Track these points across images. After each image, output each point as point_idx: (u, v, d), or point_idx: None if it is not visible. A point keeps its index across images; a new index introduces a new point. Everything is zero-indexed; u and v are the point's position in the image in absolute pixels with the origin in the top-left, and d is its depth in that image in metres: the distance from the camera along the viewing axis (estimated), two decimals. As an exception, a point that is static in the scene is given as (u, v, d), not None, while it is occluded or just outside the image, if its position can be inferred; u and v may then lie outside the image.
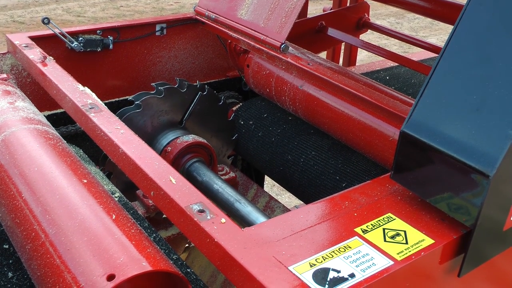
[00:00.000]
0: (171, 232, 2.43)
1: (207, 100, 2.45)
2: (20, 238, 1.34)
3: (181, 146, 2.23)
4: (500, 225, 1.36)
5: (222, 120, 2.57)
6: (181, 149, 2.23)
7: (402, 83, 2.99)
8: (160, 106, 2.30)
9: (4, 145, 1.59)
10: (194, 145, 2.26)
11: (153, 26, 2.65)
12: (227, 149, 2.64)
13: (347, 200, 1.38)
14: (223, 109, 2.56)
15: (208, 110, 2.47)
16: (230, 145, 2.63)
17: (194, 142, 2.26)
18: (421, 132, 1.31)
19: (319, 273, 1.12)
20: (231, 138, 2.61)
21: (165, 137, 2.31)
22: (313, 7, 7.20)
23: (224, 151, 2.64)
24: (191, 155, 2.26)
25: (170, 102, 2.33)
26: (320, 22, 3.17)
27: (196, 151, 2.28)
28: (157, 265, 1.16)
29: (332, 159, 2.26)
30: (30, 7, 8.81)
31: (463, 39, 1.34)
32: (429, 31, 8.99)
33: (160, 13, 9.04)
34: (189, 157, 2.26)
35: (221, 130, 2.58)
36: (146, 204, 2.21)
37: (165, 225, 2.41)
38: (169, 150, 2.25)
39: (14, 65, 2.32)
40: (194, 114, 2.41)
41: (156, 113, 2.29)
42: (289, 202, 4.18)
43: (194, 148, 2.27)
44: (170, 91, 2.32)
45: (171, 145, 2.26)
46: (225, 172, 2.53)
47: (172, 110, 2.34)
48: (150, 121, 2.27)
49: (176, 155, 2.22)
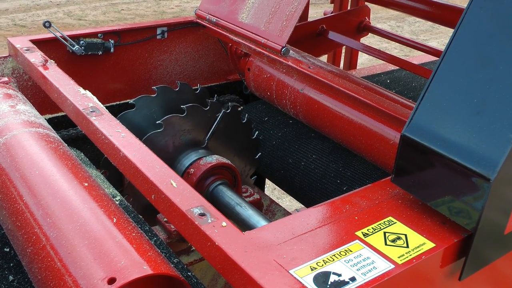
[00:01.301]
0: (193, 257, 2.29)
1: (231, 117, 2.34)
2: (21, 241, 1.34)
3: (205, 168, 2.09)
4: (501, 228, 1.36)
5: (245, 138, 2.46)
6: (204, 171, 2.09)
7: (402, 87, 2.99)
8: (182, 125, 2.18)
9: (5, 148, 1.60)
10: (218, 166, 2.13)
11: (154, 30, 2.66)
12: (250, 169, 2.53)
13: (348, 203, 1.38)
14: (247, 127, 2.46)
15: (231, 128, 2.36)
16: (253, 164, 2.52)
17: (218, 163, 2.12)
18: (422, 136, 1.31)
19: (320, 277, 1.12)
20: (254, 157, 2.50)
21: (187, 158, 2.19)
22: (314, 11, 7.20)
23: (247, 171, 2.52)
24: (215, 177, 2.13)
25: (193, 121, 2.21)
26: (321, 26, 3.18)
27: (220, 172, 2.15)
28: (158, 268, 1.16)
29: (333, 163, 2.26)
30: (32, 10, 8.83)
31: (464, 42, 1.34)
32: (430, 35, 9.00)
33: (161, 17, 9.06)
34: (213, 179, 2.12)
35: (244, 148, 2.47)
36: (168, 230, 2.07)
37: (187, 251, 2.28)
38: (192, 172, 2.12)
39: (15, 69, 2.32)
40: (217, 133, 2.30)
41: (178, 132, 2.17)
42: (290, 206, 4.18)
43: (218, 170, 2.14)
44: (193, 109, 2.20)
45: (194, 167, 2.12)
46: (250, 193, 2.41)
47: (194, 129, 2.22)
48: (171, 141, 2.16)
49: (200, 177, 2.09)
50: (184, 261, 2.17)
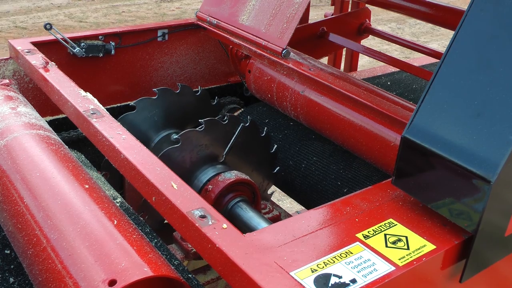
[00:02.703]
0: (210, 276, 2.22)
1: (249, 131, 2.27)
2: (21, 244, 1.34)
3: (224, 185, 2.01)
4: (502, 230, 1.36)
5: (263, 153, 2.39)
6: (223, 187, 2.01)
7: (403, 89, 2.99)
8: (200, 140, 2.11)
9: (6, 150, 1.60)
10: (237, 182, 2.05)
11: (154, 32, 2.66)
12: (268, 183, 2.45)
13: (348, 205, 1.38)
14: (266, 141, 2.38)
15: (249, 142, 2.29)
16: (271, 179, 2.44)
17: (237, 179, 2.04)
18: (423, 138, 1.31)
19: (321, 279, 1.12)
20: (273, 171, 2.42)
21: (205, 174, 2.11)
22: (315, 13, 7.21)
23: (265, 186, 2.44)
24: (234, 194, 2.04)
25: (211, 136, 2.14)
26: (322, 28, 3.18)
27: (239, 189, 2.07)
28: (159, 270, 1.16)
29: (334, 165, 2.26)
30: (32, 12, 8.84)
31: (464, 44, 1.35)
32: (430, 37, 9.00)
33: (162, 19, 9.06)
34: (232, 196, 2.04)
35: (262, 163, 2.39)
36: (185, 249, 2.00)
37: (204, 269, 2.23)
38: (210, 188, 2.04)
39: (16, 71, 2.33)
40: (235, 148, 2.22)
41: (196, 147, 2.10)
42: (291, 208, 4.17)
43: (237, 186, 2.06)
44: (211, 123, 2.13)
45: (212, 183, 2.04)
46: (269, 210, 2.34)
47: (212, 144, 2.15)
48: (189, 156, 2.09)
49: (218, 194, 2.01)
50: (201, 280, 2.12)
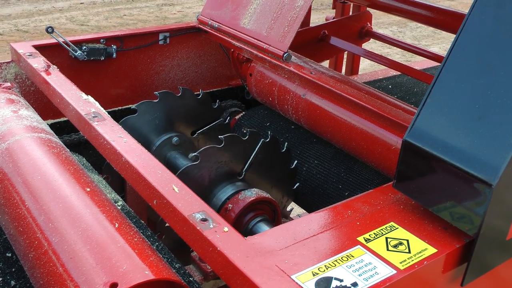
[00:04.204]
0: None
1: (269, 147, 2.21)
2: (23, 246, 1.34)
3: (244, 204, 1.92)
4: (503, 234, 1.35)
5: (283, 169, 2.32)
6: (243, 207, 1.92)
7: (404, 92, 3.00)
8: (220, 157, 2.05)
9: (8, 153, 1.60)
10: (258, 201, 1.96)
11: (156, 35, 2.66)
12: (287, 200, 2.38)
13: (349, 209, 1.38)
14: (286, 157, 2.32)
15: (269, 158, 2.23)
16: (290, 195, 2.37)
17: (258, 198, 1.95)
18: (424, 141, 1.31)
19: (322, 282, 1.12)
20: (292, 187, 2.35)
21: (224, 191, 2.04)
22: (316, 16, 7.22)
23: (284, 202, 2.38)
24: (254, 213, 1.95)
25: (231, 152, 2.08)
26: (323, 31, 3.18)
27: (260, 207, 1.99)
28: (160, 273, 1.16)
29: (335, 168, 2.26)
30: (34, 16, 8.85)
31: (466, 48, 1.35)
32: (432, 40, 9.00)
33: (163, 22, 9.07)
34: (253, 216, 1.95)
35: (282, 179, 2.32)
36: (203, 270, 1.92)
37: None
38: (230, 207, 1.95)
39: (18, 74, 2.33)
40: (255, 164, 2.16)
41: (215, 164, 2.04)
42: (292, 211, 4.16)
43: (258, 205, 1.98)
44: (231, 139, 2.08)
45: (232, 202, 1.96)
46: None
47: (232, 160, 2.09)
48: (208, 173, 2.02)
49: (239, 214, 1.92)
50: None
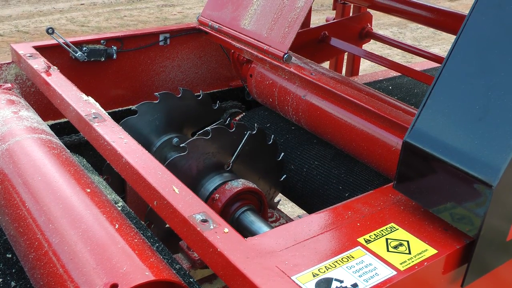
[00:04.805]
0: (217, 285, 2.20)
1: (256, 139, 2.24)
2: (23, 247, 1.34)
3: (231, 194, 1.98)
4: (504, 235, 1.35)
5: (270, 161, 2.35)
6: (230, 196, 1.98)
7: (404, 93, 2.99)
8: (207, 148, 2.08)
9: (8, 154, 1.60)
10: (244, 191, 2.02)
11: (156, 36, 2.67)
12: (274, 191, 2.42)
13: (350, 210, 1.38)
14: (273, 149, 2.35)
15: (256, 150, 2.25)
16: (278, 186, 2.41)
17: (244, 188, 2.01)
18: (424, 142, 1.31)
19: (322, 283, 1.12)
20: (279, 179, 2.39)
21: (211, 182, 2.08)
22: (316, 17, 7.22)
23: (272, 194, 2.42)
24: (241, 203, 2.01)
25: (218, 143, 2.12)
26: (323, 32, 3.19)
27: (246, 197, 2.04)
28: (160, 274, 1.16)
29: (335, 169, 2.26)
30: (35, 17, 8.86)
31: (466, 49, 1.35)
32: (432, 41, 9.00)
33: (164, 23, 9.08)
34: (239, 205, 2.01)
35: (269, 171, 2.36)
36: (191, 258, 1.96)
37: (210, 278, 2.19)
38: (217, 197, 2.01)
39: (18, 75, 2.33)
40: (242, 155, 2.19)
41: (202, 155, 2.07)
42: (292, 212, 4.17)
43: (244, 195, 2.03)
44: (218, 131, 2.11)
45: (219, 192, 2.02)
46: (275, 218, 2.32)
47: (219, 152, 2.12)
48: (195, 164, 2.06)
49: (225, 203, 1.98)
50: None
